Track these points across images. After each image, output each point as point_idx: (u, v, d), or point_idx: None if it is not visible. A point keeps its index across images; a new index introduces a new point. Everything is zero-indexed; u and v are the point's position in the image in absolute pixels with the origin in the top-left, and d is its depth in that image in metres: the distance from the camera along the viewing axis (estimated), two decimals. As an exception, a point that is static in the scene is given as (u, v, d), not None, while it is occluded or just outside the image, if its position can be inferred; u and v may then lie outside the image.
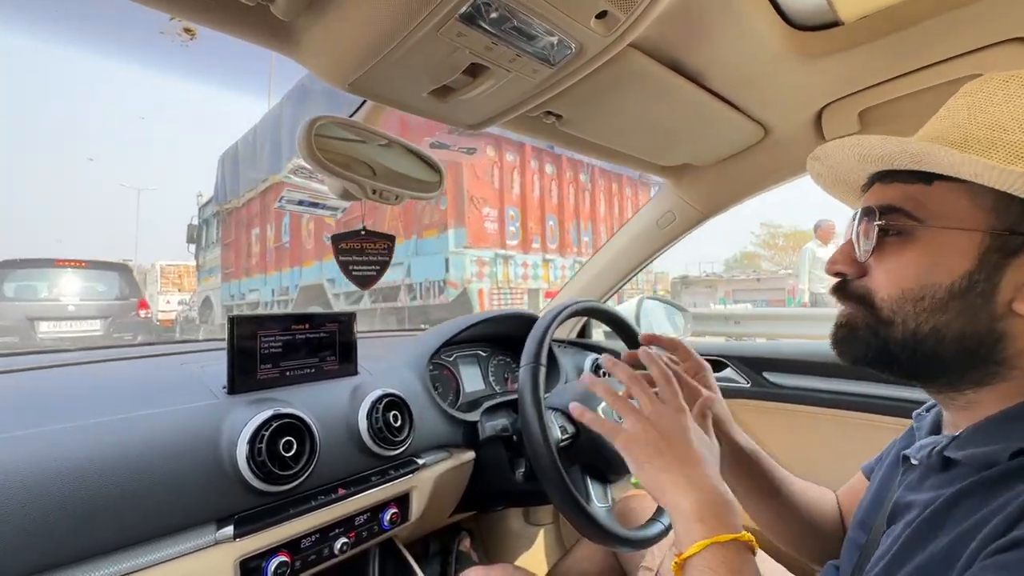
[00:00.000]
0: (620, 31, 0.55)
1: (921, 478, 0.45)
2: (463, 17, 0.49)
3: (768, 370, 1.22)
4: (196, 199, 11.45)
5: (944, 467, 0.43)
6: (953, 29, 0.65)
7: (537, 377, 0.77)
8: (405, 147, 0.80)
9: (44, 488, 0.52)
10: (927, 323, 0.41)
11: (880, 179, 0.46)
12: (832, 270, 0.48)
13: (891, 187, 0.44)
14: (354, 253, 0.79)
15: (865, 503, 0.54)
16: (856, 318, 0.46)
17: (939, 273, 0.40)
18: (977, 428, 0.41)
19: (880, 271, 0.44)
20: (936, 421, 0.50)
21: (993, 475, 0.37)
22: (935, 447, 0.44)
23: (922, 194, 0.42)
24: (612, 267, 1.37)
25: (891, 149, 0.42)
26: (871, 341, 0.44)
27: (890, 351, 0.43)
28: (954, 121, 0.43)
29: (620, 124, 0.88)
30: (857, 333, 0.45)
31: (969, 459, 0.40)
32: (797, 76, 0.75)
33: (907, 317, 0.41)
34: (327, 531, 0.72)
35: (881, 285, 0.44)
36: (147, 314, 7.20)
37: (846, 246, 0.47)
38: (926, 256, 0.41)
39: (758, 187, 1.12)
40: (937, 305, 0.40)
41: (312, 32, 0.54)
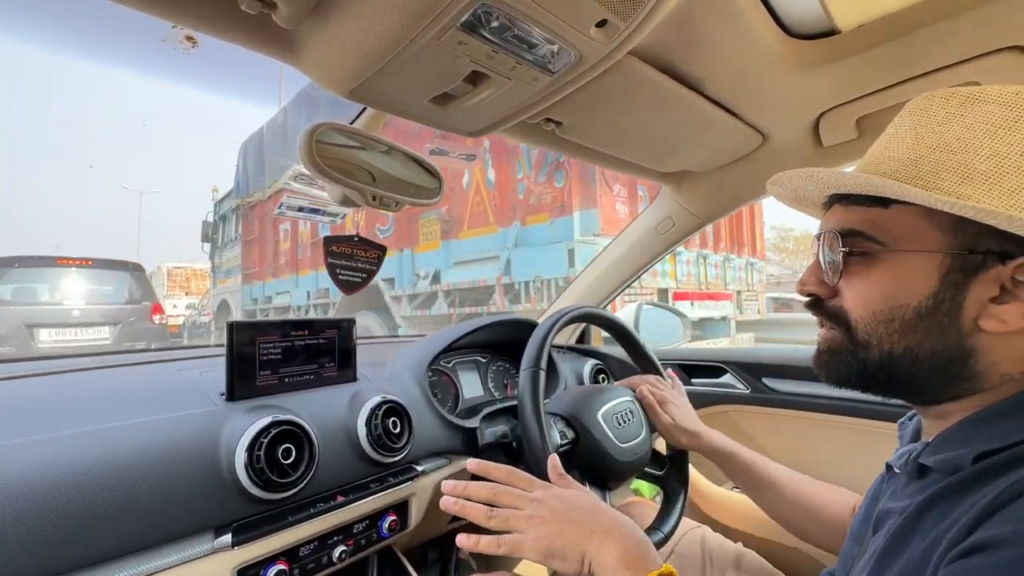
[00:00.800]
0: (620, 39, 0.56)
1: (901, 485, 0.46)
2: (464, 26, 0.50)
3: (767, 376, 1.22)
4: (211, 194, 10.40)
5: (920, 474, 0.44)
6: (949, 37, 0.66)
7: (537, 383, 0.77)
8: (405, 153, 0.80)
9: (41, 496, 0.52)
10: (899, 344, 0.42)
11: (840, 200, 0.47)
12: (803, 291, 0.49)
13: (851, 209, 0.45)
14: (344, 257, 0.80)
15: (859, 515, 0.55)
16: (836, 341, 0.47)
17: (905, 294, 0.41)
18: (945, 434, 0.43)
19: (850, 292, 0.45)
20: (917, 429, 0.52)
21: (960, 478, 0.38)
22: (911, 454, 0.45)
23: (881, 217, 0.43)
24: (611, 273, 1.38)
25: (844, 181, 0.44)
26: (852, 364, 0.45)
27: (869, 373, 0.44)
28: (902, 142, 0.43)
29: (620, 131, 0.88)
30: (839, 356, 0.46)
31: (939, 464, 0.41)
32: (795, 84, 0.76)
33: (881, 339, 0.43)
34: (326, 539, 0.71)
35: (853, 306, 0.45)
36: (161, 319, 6.33)
37: (815, 267, 0.48)
38: (891, 278, 0.42)
39: (757, 193, 1.13)
40: (907, 326, 0.41)
41: (313, 40, 0.54)
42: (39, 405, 0.66)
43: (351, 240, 0.82)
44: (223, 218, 9.84)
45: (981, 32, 0.65)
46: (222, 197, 9.77)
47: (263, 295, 8.26)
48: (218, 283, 10.36)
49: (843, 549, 0.55)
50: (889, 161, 0.43)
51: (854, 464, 1.07)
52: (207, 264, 11.04)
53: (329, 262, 0.79)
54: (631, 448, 0.85)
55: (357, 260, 0.83)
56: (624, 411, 0.89)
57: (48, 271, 5.71)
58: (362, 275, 0.83)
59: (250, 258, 8.55)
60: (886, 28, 0.65)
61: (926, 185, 0.40)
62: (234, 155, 8.33)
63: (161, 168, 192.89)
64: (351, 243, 0.82)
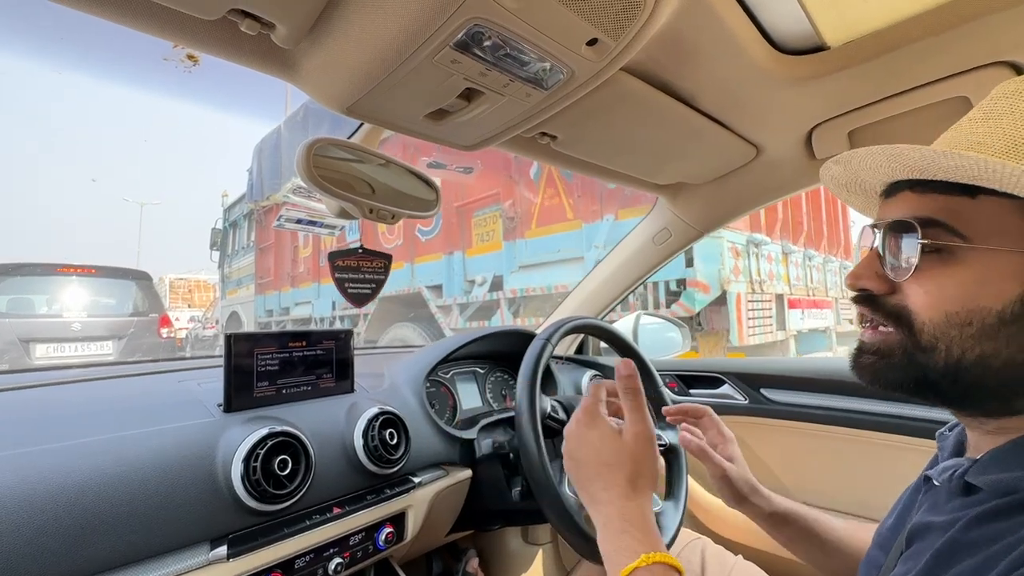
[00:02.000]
0: (610, 57, 0.57)
1: (942, 500, 0.43)
2: (457, 45, 0.51)
3: (766, 386, 1.21)
4: (221, 199, 9.77)
5: (965, 492, 0.40)
6: (937, 53, 0.67)
7: (534, 394, 0.77)
8: (402, 167, 0.81)
9: (38, 507, 0.52)
10: (973, 350, 0.37)
11: (911, 187, 0.42)
12: (856, 285, 0.44)
13: (926, 197, 0.40)
14: (350, 271, 0.80)
15: (888, 523, 0.52)
16: (891, 343, 0.42)
17: (988, 297, 0.37)
18: (998, 452, 0.39)
19: (919, 291, 0.40)
20: (959, 441, 0.48)
21: (1013, 500, 0.35)
22: (956, 470, 0.41)
23: (967, 208, 0.38)
24: (609, 284, 1.38)
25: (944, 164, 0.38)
26: (908, 368, 0.41)
27: (928, 379, 0.40)
28: (998, 126, 0.39)
29: (614, 144, 0.90)
30: (892, 360, 0.42)
31: (990, 485, 0.38)
32: (786, 98, 0.77)
33: (951, 343, 0.38)
34: (322, 551, 0.71)
35: (921, 307, 0.40)
36: (170, 333, 5.76)
37: (871, 259, 0.43)
38: (973, 277, 0.37)
39: (752, 204, 1.14)
40: (986, 331, 0.37)
41: (311, 59, 0.56)
42: (37, 416, 0.67)
43: (355, 252, 0.83)
44: (234, 224, 9.25)
45: (968, 48, 0.66)
46: (232, 203, 9.25)
47: (279, 306, 7.63)
48: (227, 294, 9.78)
49: (867, 555, 0.52)
50: (980, 147, 0.38)
51: (853, 476, 1.07)
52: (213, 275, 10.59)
53: (336, 277, 0.80)
54: None
55: (363, 271, 0.83)
56: None
57: (48, 280, 5.17)
58: (371, 286, 0.84)
59: (264, 266, 7.94)
60: (874, 44, 0.66)
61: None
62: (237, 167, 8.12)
63: (162, 181, 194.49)
64: (355, 255, 0.83)
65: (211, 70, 79.35)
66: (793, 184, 1.03)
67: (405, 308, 5.47)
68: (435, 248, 5.17)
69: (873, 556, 0.51)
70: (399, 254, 5.44)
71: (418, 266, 5.28)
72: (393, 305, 5.54)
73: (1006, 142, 0.37)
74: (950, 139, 0.42)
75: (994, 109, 0.40)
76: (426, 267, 5.24)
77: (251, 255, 8.43)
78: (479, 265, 4.76)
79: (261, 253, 8.03)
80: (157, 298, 5.99)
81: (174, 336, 6.05)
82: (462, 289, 4.87)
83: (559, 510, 0.72)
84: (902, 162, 0.41)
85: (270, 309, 7.88)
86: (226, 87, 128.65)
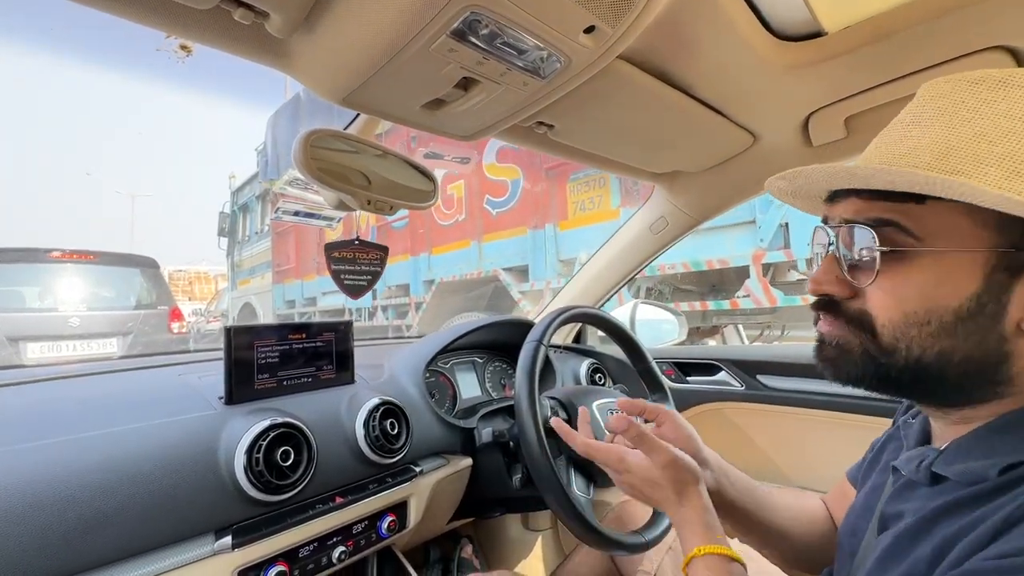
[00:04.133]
0: (608, 45, 0.57)
1: (909, 488, 0.45)
2: (454, 33, 0.51)
3: (761, 373, 1.23)
4: (228, 181, 8.73)
5: (933, 481, 0.42)
6: (934, 38, 0.67)
7: (533, 383, 0.78)
8: (399, 157, 0.81)
9: (41, 502, 0.53)
10: (933, 348, 0.38)
11: (857, 194, 0.42)
12: (818, 291, 0.45)
13: (873, 203, 0.41)
14: (346, 263, 0.80)
15: (855, 510, 0.54)
16: (851, 343, 0.43)
17: (945, 295, 0.38)
18: (963, 441, 0.41)
19: (879, 293, 0.40)
20: (924, 430, 0.49)
21: (981, 489, 0.37)
22: (923, 460, 0.43)
23: (915, 211, 0.39)
24: (606, 273, 1.39)
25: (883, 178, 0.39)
26: (867, 367, 0.42)
27: (890, 376, 0.41)
28: (928, 131, 0.39)
29: (611, 133, 0.89)
30: (850, 355, 0.43)
31: (958, 475, 0.39)
32: (783, 85, 0.77)
33: (911, 343, 0.39)
34: (325, 540, 0.72)
35: (881, 309, 0.40)
36: (181, 327, 5.08)
37: (830, 264, 0.44)
38: (930, 277, 0.38)
39: (749, 192, 1.14)
40: (944, 329, 0.38)
41: (306, 49, 0.55)
42: (39, 411, 0.67)
43: (351, 244, 0.83)
44: (244, 208, 8.28)
45: (965, 33, 0.66)
46: (241, 184, 8.26)
47: (302, 296, 6.76)
48: (238, 284, 8.88)
49: (839, 545, 0.55)
50: (914, 152, 0.39)
51: (848, 459, 1.08)
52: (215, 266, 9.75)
53: (333, 268, 0.80)
54: None
55: (360, 263, 0.83)
56: (618, 411, 0.90)
57: (39, 268, 4.32)
58: (367, 278, 0.84)
59: (283, 252, 7.08)
60: (871, 29, 0.66)
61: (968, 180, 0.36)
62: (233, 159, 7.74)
63: (154, 173, 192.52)
64: (352, 247, 0.82)
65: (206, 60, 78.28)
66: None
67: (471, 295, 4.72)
68: (512, 222, 4.28)
69: (846, 544, 0.53)
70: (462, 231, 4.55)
71: (489, 245, 4.35)
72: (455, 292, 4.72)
73: (938, 148, 0.38)
74: (883, 145, 0.43)
75: (923, 114, 0.41)
76: (501, 246, 4.33)
77: (266, 241, 7.59)
78: (576, 240, 3.85)
79: (279, 238, 7.18)
80: (166, 288, 5.22)
81: (186, 331, 5.33)
82: (556, 271, 3.98)
83: (560, 498, 0.73)
84: (842, 179, 0.42)
85: (291, 300, 7.09)
86: (221, 77, 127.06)
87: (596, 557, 0.99)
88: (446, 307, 4.76)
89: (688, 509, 0.56)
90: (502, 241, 4.36)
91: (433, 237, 4.86)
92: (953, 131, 0.38)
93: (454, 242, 4.71)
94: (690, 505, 0.56)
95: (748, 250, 3.08)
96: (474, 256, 4.49)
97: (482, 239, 4.47)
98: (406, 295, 5.20)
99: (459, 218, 4.67)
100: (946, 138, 0.38)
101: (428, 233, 4.88)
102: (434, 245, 4.88)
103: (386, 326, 5.52)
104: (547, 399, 0.87)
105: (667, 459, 0.59)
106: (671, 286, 3.57)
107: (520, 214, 4.22)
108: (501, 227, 4.38)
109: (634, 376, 1.02)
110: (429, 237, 4.89)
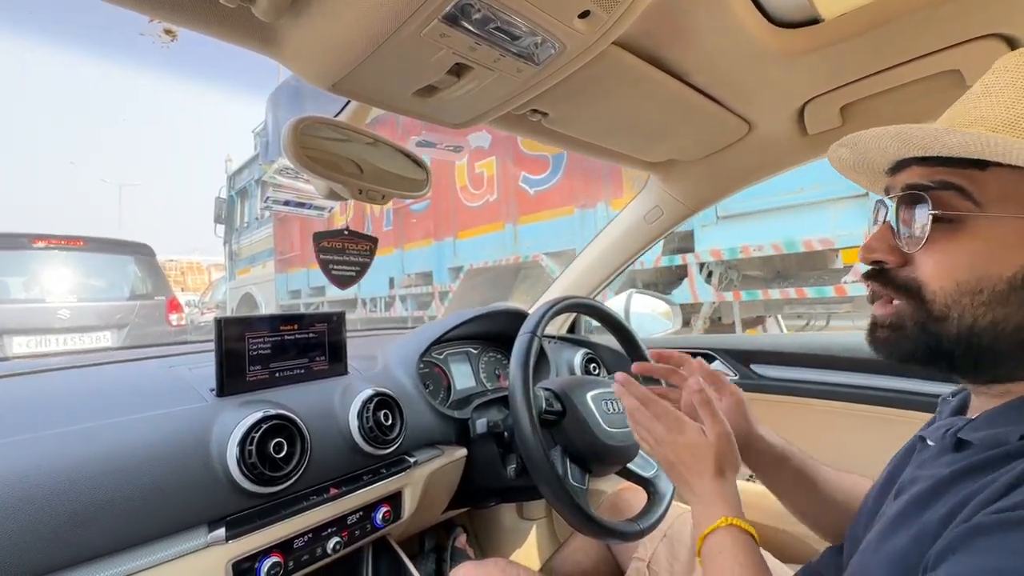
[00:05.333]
0: (603, 30, 0.55)
1: (933, 457, 0.44)
2: (446, 18, 0.49)
3: (755, 362, 1.23)
4: (224, 165, 8.24)
5: (957, 448, 0.42)
6: (931, 25, 0.66)
7: (527, 374, 0.78)
8: (391, 146, 0.80)
9: (32, 495, 0.52)
10: (985, 317, 0.38)
11: (919, 163, 0.42)
12: (869, 259, 0.45)
13: (935, 169, 0.41)
14: (334, 252, 0.80)
15: (875, 490, 0.54)
16: (903, 315, 0.42)
17: (997, 264, 0.38)
18: (993, 412, 0.41)
19: (929, 261, 0.41)
20: (962, 404, 0.49)
21: (999, 453, 0.37)
22: (951, 428, 0.43)
23: (977, 177, 0.39)
24: (601, 263, 1.38)
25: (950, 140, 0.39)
26: (921, 338, 0.41)
27: (942, 347, 0.41)
28: (999, 100, 0.39)
29: (606, 121, 0.88)
30: (904, 331, 0.42)
31: (981, 440, 0.39)
32: (779, 72, 0.76)
33: (963, 311, 0.39)
34: (320, 531, 0.72)
35: (932, 277, 0.40)
36: (180, 319, 4.73)
37: (884, 231, 0.44)
38: (982, 245, 0.38)
39: (744, 182, 1.13)
40: (997, 298, 0.38)
41: (294, 33, 0.54)
42: (28, 404, 0.66)
43: (341, 234, 0.82)
44: (242, 193, 7.79)
45: (962, 20, 0.65)
46: (239, 168, 7.76)
47: (308, 285, 6.39)
48: (237, 274, 8.45)
49: (859, 508, 0.55)
50: (982, 121, 0.39)
51: (842, 448, 1.10)
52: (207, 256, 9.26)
53: (321, 258, 0.80)
54: (618, 434, 0.86)
55: (349, 254, 0.83)
56: (613, 400, 0.90)
57: (22, 255, 3.94)
58: (355, 268, 0.84)
59: (286, 239, 6.71)
60: (868, 16, 0.65)
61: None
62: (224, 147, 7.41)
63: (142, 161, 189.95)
64: (341, 237, 0.82)
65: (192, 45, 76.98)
66: (785, 161, 1.03)
67: (503, 282, 4.28)
68: (554, 201, 3.90)
69: (862, 522, 0.52)
70: (493, 212, 4.09)
71: (525, 227, 3.93)
72: (486, 279, 4.31)
73: (1007, 115, 0.38)
74: (952, 115, 0.43)
75: (995, 84, 0.40)
76: (540, 228, 3.94)
77: (267, 227, 7.22)
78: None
79: (281, 224, 6.80)
80: (162, 277, 4.83)
81: (184, 324, 4.94)
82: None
83: (555, 488, 0.73)
84: (909, 141, 0.41)
85: (296, 289, 6.69)
86: (209, 62, 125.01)
87: (591, 545, 1.00)
88: (476, 296, 4.36)
89: (721, 485, 0.55)
90: (543, 223, 3.95)
91: (459, 220, 4.40)
92: (1022, 100, 0.38)
93: (484, 225, 4.29)
94: (726, 483, 0.56)
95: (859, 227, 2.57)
96: (508, 240, 4.06)
97: (517, 221, 4.05)
98: (428, 283, 4.86)
99: (490, 198, 4.24)
100: (1015, 106, 0.38)
101: (453, 215, 4.41)
102: (460, 229, 4.46)
103: (405, 318, 5.15)
104: (541, 390, 0.87)
105: (723, 431, 0.58)
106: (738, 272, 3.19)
107: (565, 192, 3.78)
108: (541, 207, 3.96)
109: (628, 366, 1.02)
110: (455, 220, 4.42)
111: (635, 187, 3.42)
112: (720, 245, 3.04)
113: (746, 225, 2.95)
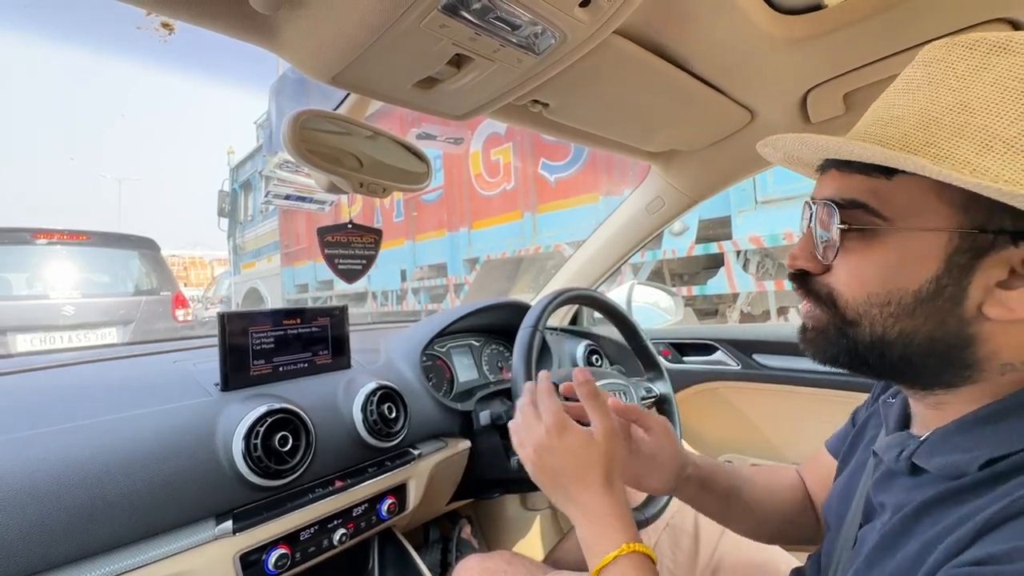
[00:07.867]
0: (604, 19, 0.55)
1: (890, 477, 0.44)
2: (445, 8, 0.49)
3: (757, 352, 1.23)
4: (226, 157, 8.01)
5: (913, 472, 0.41)
6: (935, 10, 0.65)
7: (530, 367, 0.78)
8: (391, 139, 0.79)
9: (41, 489, 0.52)
10: (894, 328, 0.38)
11: (836, 165, 0.42)
12: (794, 266, 0.45)
13: (849, 177, 0.41)
14: (340, 247, 0.79)
15: (839, 488, 0.54)
16: (821, 319, 0.43)
17: (906, 277, 0.37)
18: (944, 433, 0.40)
19: (843, 271, 0.41)
20: (903, 412, 0.48)
21: (962, 484, 0.36)
22: (903, 450, 0.42)
23: (884, 188, 0.38)
24: (603, 254, 1.38)
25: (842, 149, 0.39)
26: (840, 341, 0.42)
27: (859, 352, 0.41)
28: (914, 100, 0.38)
29: (607, 111, 0.88)
30: (827, 334, 0.43)
31: (939, 469, 0.39)
32: (781, 60, 0.76)
33: (873, 320, 0.39)
34: (326, 523, 0.73)
35: (845, 286, 0.41)
36: (187, 315, 4.63)
37: (806, 240, 0.44)
38: (892, 258, 0.38)
39: (746, 171, 1.13)
40: (904, 311, 0.38)
41: (292, 26, 0.53)
42: (36, 400, 0.66)
43: (345, 228, 0.81)
44: (245, 186, 7.63)
45: (967, 5, 0.64)
46: (242, 159, 7.60)
47: (315, 279, 6.21)
48: (241, 268, 8.31)
49: (824, 522, 0.55)
50: (896, 122, 0.38)
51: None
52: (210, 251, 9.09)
53: (326, 253, 0.79)
54: None
55: (354, 247, 0.82)
56: (617, 391, 0.90)
57: (25, 250, 3.86)
58: (361, 262, 0.83)
59: (292, 232, 6.56)
60: (872, 2, 0.65)
61: (938, 154, 0.35)
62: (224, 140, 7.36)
63: (141, 156, 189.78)
64: (346, 231, 0.81)
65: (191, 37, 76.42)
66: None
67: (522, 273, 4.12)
68: (576, 188, 3.70)
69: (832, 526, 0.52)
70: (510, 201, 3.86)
71: (545, 216, 3.74)
72: (504, 271, 4.16)
73: (919, 118, 0.37)
74: (874, 110, 0.42)
75: (913, 79, 0.39)
76: (561, 217, 3.75)
77: (272, 220, 7.06)
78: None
79: (286, 217, 6.65)
80: (168, 272, 4.71)
81: (191, 320, 4.83)
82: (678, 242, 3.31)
83: None
84: (817, 147, 0.41)
85: (303, 283, 6.53)
86: (208, 55, 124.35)
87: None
88: (493, 288, 4.21)
89: (612, 498, 0.51)
90: (563, 211, 3.77)
91: (474, 209, 4.22)
92: (937, 100, 0.37)
93: (501, 214, 4.10)
94: (615, 495, 0.51)
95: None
96: (527, 229, 3.87)
97: (536, 210, 3.86)
98: (442, 275, 4.59)
99: (506, 187, 4.05)
100: (930, 107, 0.37)
101: (468, 205, 4.23)
102: (475, 218, 4.27)
103: (418, 312, 4.97)
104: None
105: (612, 428, 0.54)
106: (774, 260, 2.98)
107: (588, 179, 3.58)
108: (561, 195, 3.77)
109: (631, 357, 1.02)
110: (469, 209, 4.23)
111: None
112: (760, 232, 2.82)
113: (786, 210, 2.76)
